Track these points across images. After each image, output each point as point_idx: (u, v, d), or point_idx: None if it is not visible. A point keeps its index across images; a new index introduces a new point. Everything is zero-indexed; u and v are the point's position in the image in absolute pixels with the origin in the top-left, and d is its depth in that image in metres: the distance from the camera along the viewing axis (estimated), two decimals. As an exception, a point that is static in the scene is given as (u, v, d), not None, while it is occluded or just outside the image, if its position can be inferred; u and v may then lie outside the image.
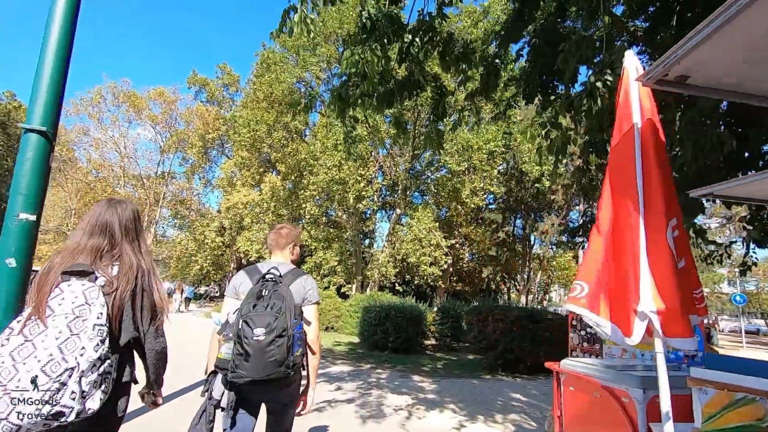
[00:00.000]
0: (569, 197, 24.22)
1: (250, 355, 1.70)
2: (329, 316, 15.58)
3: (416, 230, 19.67)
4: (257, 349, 1.70)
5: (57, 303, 1.28)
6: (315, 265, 19.62)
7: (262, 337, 1.71)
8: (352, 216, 21.49)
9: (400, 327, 9.91)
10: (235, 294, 2.06)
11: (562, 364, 2.77)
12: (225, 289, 20.68)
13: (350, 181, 18.27)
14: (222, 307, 2.13)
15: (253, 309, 1.80)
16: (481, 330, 8.42)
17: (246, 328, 1.73)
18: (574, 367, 2.63)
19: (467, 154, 18.39)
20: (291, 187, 21.93)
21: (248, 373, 1.71)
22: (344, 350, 10.14)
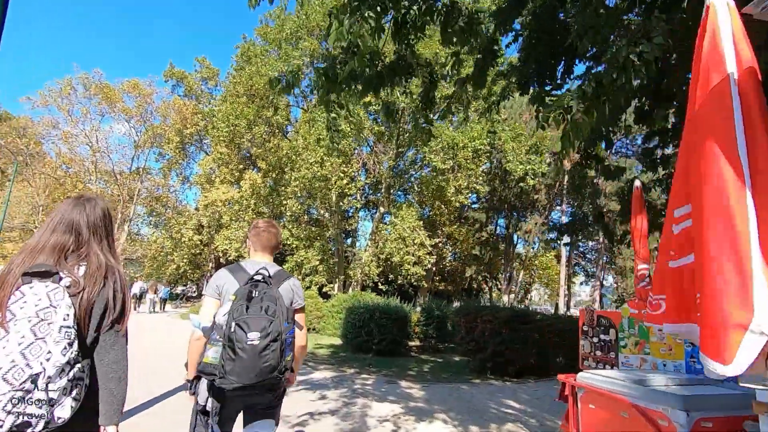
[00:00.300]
0: (552, 197, 24.33)
1: (244, 360, 1.63)
2: (311, 317, 15.10)
3: (400, 229, 19.34)
4: (252, 354, 1.63)
5: (18, 307, 1.22)
6: (296, 264, 19.09)
7: (257, 341, 1.64)
8: (335, 214, 21.05)
9: (385, 329, 9.55)
10: (217, 294, 1.95)
11: (579, 377, 2.44)
12: (203, 288, 20.09)
13: (333, 177, 17.80)
14: (201, 307, 2.03)
15: (246, 312, 1.71)
16: (469, 331, 8.13)
17: (239, 331, 1.65)
18: (595, 381, 2.30)
19: (452, 152, 18.16)
20: (272, 185, 21.32)
21: (240, 379, 1.64)
22: (327, 353, 9.72)
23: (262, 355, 1.65)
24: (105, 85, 27.62)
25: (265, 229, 2.17)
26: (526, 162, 20.11)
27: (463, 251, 26.79)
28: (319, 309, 15.42)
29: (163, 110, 30.20)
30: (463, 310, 8.43)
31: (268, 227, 2.18)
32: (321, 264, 19.49)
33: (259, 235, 2.15)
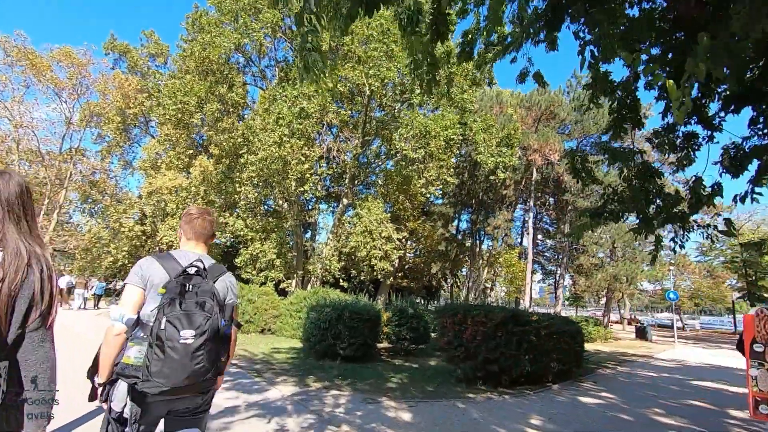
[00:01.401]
0: (518, 193, 23.97)
1: (174, 361, 1.49)
2: (266, 316, 13.46)
3: (366, 221, 18.03)
4: (183, 353, 1.50)
5: None
6: (251, 257, 17.28)
7: (191, 340, 1.52)
8: (294, 205, 19.39)
9: (355, 331, 8.19)
10: (142, 284, 1.73)
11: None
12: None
13: (292, 161, 16.14)
14: (123, 298, 1.73)
15: (180, 307, 1.57)
16: (457, 335, 6.95)
17: (170, 328, 1.52)
18: None
19: (424, 140, 17.05)
20: (225, 171, 19.29)
21: (168, 382, 1.50)
22: (285, 360, 8.23)
23: (195, 355, 1.52)
24: (30, 51, 24.12)
25: (199, 216, 1.99)
26: (497, 154, 19.43)
27: (427, 247, 25.96)
28: (276, 307, 13.81)
29: (102, 85, 26.97)
30: (450, 310, 7.24)
31: (202, 214, 2.00)
32: (278, 258, 17.80)
33: (191, 223, 1.97)
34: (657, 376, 9.58)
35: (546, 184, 24.57)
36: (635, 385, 8.11)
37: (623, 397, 6.59)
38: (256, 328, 13.08)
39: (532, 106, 21.75)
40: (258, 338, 11.96)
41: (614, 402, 6.20)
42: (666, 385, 8.18)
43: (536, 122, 21.72)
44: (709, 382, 9.01)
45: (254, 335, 12.63)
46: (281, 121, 15.52)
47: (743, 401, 6.93)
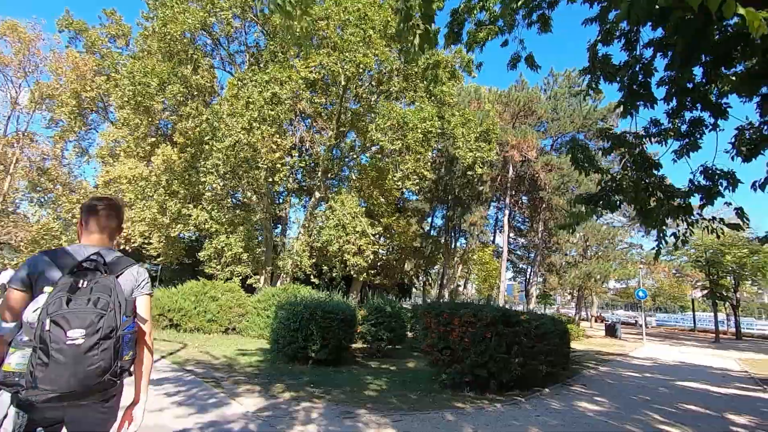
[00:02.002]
0: (493, 190, 23.75)
1: (61, 364, 1.36)
2: (231, 314, 12.47)
3: (340, 214, 17.23)
4: (72, 356, 1.37)
5: None
6: (215, 251, 16.13)
7: (81, 340, 1.38)
8: (263, 197, 18.35)
9: (329, 332, 7.44)
10: (24, 285, 1.56)
11: None
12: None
13: (263, 149, 15.13)
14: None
15: (67, 305, 1.42)
16: (443, 336, 6.32)
17: (56, 329, 1.37)
18: None
19: (401, 132, 16.42)
20: (189, 160, 18.00)
21: (55, 387, 1.37)
22: (251, 364, 7.37)
23: (89, 356, 1.40)
24: (-31, 21, 21.82)
25: (104, 207, 1.78)
26: (476, 149, 19.03)
27: (401, 244, 25.42)
28: (242, 305, 12.84)
29: (54, 65, 24.78)
30: (434, 309, 6.60)
31: (106, 204, 1.80)
32: (246, 252, 16.74)
33: (92, 213, 1.76)
34: (641, 376, 9.33)
35: (521, 182, 24.48)
36: (624, 387, 7.75)
37: (618, 403, 6.16)
38: (219, 327, 12.07)
39: (510, 102, 21.55)
40: (221, 339, 10.99)
41: (611, 409, 5.74)
42: (654, 387, 7.86)
43: (514, 119, 21.55)
44: (692, 382, 8.81)
45: (217, 336, 11.64)
46: (251, 106, 14.50)
47: (735, 404, 6.70)
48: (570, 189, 20.85)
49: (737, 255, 23.93)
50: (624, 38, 6.24)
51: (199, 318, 11.81)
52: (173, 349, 8.31)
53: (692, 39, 4.52)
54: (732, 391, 7.99)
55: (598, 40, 6.42)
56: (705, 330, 35.42)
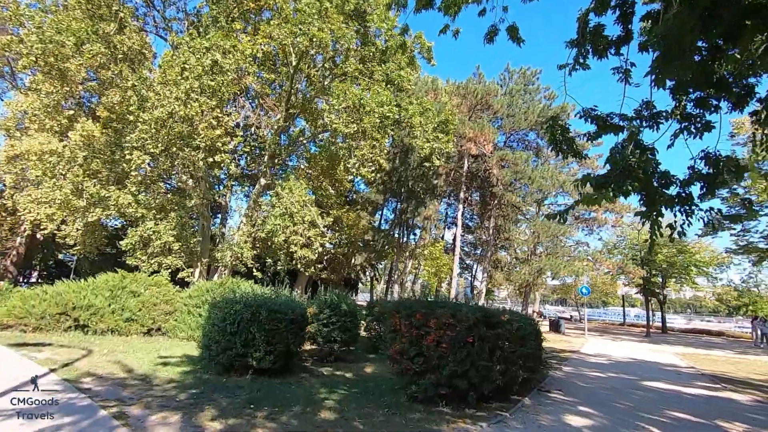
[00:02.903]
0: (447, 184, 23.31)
1: None
2: (156, 312, 10.66)
3: (287, 202, 15.77)
4: None
5: None
6: (141, 239, 14.01)
7: None
8: (201, 182, 16.38)
9: (275, 336, 6.16)
10: None
11: None
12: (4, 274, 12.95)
13: (201, 124, 13.29)
14: None
15: None
16: (415, 341, 5.31)
17: None
18: None
19: (358, 115, 15.27)
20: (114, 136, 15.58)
21: None
22: (174, 378, 5.91)
23: None
24: None
25: None
26: (434, 139, 18.29)
27: (351, 237, 24.30)
28: (170, 301, 11.07)
29: (-58, 15, 20.64)
30: (404, 308, 5.56)
31: None
32: (178, 242, 14.76)
33: None
34: (606, 377, 8.98)
35: (473, 179, 24.24)
36: (598, 391, 7.23)
37: (606, 413, 5.52)
38: (140, 328, 10.24)
39: (468, 95, 21.13)
40: (141, 342, 9.23)
41: (605, 422, 5.06)
42: (627, 390, 7.44)
43: (471, 111, 21.19)
44: (657, 382, 8.58)
45: (137, 338, 9.82)
46: (188, 74, 12.62)
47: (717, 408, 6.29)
48: (523, 186, 20.83)
49: (666, 254, 25.47)
50: (618, 9, 5.55)
51: (115, 317, 9.91)
52: (71, 359, 6.58)
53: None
54: (701, 392, 7.79)
55: (590, 8, 5.70)
56: (633, 324, 37.90)
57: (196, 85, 12.57)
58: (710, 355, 15.79)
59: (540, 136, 22.87)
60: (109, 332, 9.75)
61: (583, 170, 22.77)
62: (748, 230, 21.42)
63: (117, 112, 15.57)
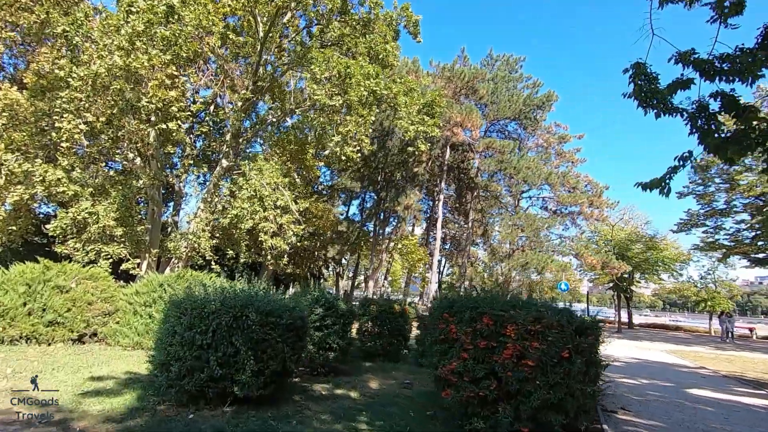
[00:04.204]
0: (428, 172, 21.89)
1: None
2: (91, 312, 8.33)
3: (257, 184, 13.65)
4: None
5: None
6: (73, 222, 11.39)
7: None
8: (151, 161, 13.92)
9: (268, 349, 4.31)
10: None
11: None
12: None
13: (150, 82, 10.91)
14: None
15: None
16: (484, 357, 3.68)
17: None
18: None
19: (343, 86, 13.46)
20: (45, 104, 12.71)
21: None
22: (110, 412, 3.93)
23: None
24: None
25: None
26: (419, 122, 16.71)
27: (320, 229, 22.33)
28: (110, 299, 8.78)
29: None
30: (464, 308, 3.91)
31: None
32: (121, 227, 12.26)
33: None
34: (641, 384, 7.81)
35: (449, 170, 22.95)
36: (656, 405, 5.96)
37: None
38: (68, 334, 7.89)
39: (453, 78, 19.78)
40: (68, 354, 6.96)
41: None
42: (683, 402, 6.23)
43: (456, 95, 19.87)
44: (699, 389, 7.52)
45: (63, 348, 7.50)
46: (134, 17, 10.23)
47: None
48: (504, 178, 19.78)
49: (635, 251, 25.57)
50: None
51: (32, 320, 7.52)
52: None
53: None
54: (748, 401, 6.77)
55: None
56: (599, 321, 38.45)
57: (143, 30, 10.20)
58: (698, 352, 15.43)
59: (522, 126, 21.98)
60: (23, 340, 7.36)
61: (564, 164, 22.18)
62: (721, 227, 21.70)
63: (48, 78, 12.68)
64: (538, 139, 22.52)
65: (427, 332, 5.24)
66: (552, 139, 22.14)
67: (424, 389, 6.43)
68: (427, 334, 4.48)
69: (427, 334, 4.39)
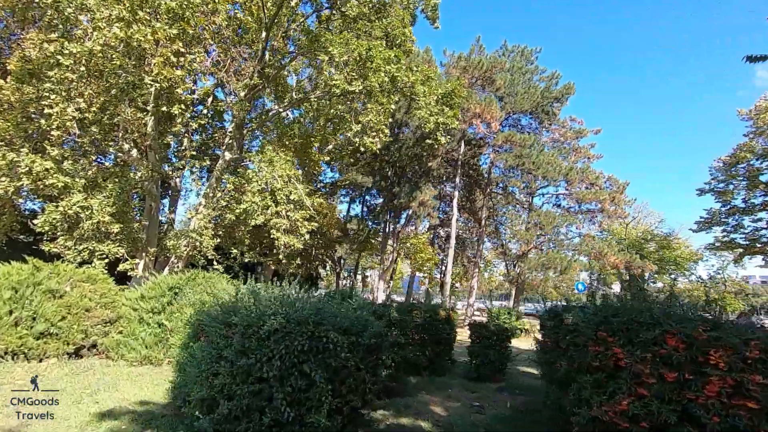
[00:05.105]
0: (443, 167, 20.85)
1: None
2: (90, 321, 7.10)
3: (268, 176, 12.50)
4: None
5: None
6: (63, 216, 10.08)
7: None
8: (149, 153, 12.70)
9: (348, 378, 3.20)
10: None
11: None
12: None
13: (154, 59, 9.65)
14: None
15: None
16: (671, 394, 2.61)
17: None
18: None
19: (363, 71, 12.40)
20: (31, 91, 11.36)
21: None
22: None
23: None
24: None
25: None
26: (437, 113, 15.63)
27: (323, 226, 21.19)
28: (111, 304, 7.56)
29: None
30: (629, 323, 2.86)
31: None
32: (117, 223, 11.02)
33: None
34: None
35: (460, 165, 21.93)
36: None
37: None
38: (63, 347, 6.65)
39: (469, 67, 18.76)
40: (64, 373, 5.74)
41: None
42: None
43: (472, 86, 18.89)
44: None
45: (56, 365, 6.27)
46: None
47: None
48: (525, 171, 18.84)
49: (649, 250, 24.89)
50: None
51: (20, 331, 6.27)
52: None
53: None
54: None
55: None
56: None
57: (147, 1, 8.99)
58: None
59: (538, 120, 21.06)
60: (8, 356, 6.11)
61: (581, 160, 21.31)
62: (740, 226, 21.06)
63: (35, 62, 11.28)
64: (553, 133, 21.65)
65: (543, 350, 4.16)
66: (569, 133, 21.28)
67: (498, 413, 5.40)
68: (566, 360, 3.38)
69: (572, 356, 3.27)
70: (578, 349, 3.18)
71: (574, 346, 3.23)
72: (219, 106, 17.46)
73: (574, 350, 3.21)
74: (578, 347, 3.18)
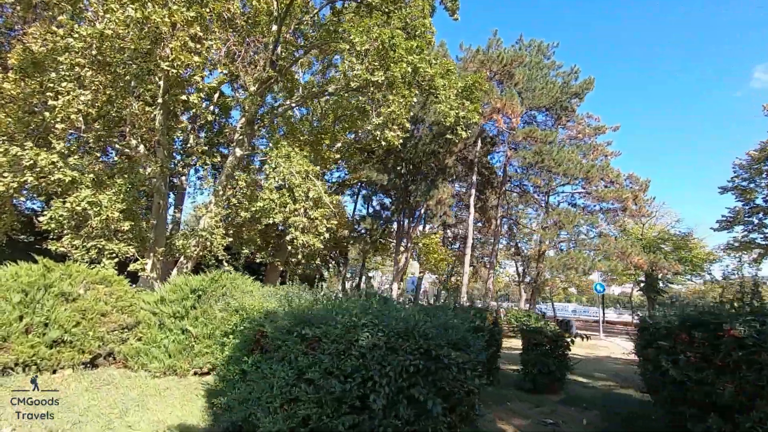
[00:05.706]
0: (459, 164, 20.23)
1: None
2: (106, 326, 6.42)
3: (285, 172, 11.87)
4: None
5: None
6: (71, 213, 9.39)
7: None
8: (158, 149, 12.03)
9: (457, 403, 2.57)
10: None
11: None
12: None
13: (171, 44, 8.98)
14: None
15: None
16: None
17: None
18: None
19: (385, 61, 11.78)
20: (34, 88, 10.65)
21: None
22: None
23: None
24: None
25: None
26: (458, 107, 15.00)
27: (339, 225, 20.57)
28: (128, 308, 6.88)
29: None
30: None
31: None
32: (127, 220, 10.34)
33: None
34: None
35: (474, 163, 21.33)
36: None
37: None
38: (78, 356, 5.97)
39: (487, 61, 18.18)
40: (83, 391, 5.07)
41: None
42: None
43: (489, 80, 18.30)
44: None
45: (72, 378, 5.59)
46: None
47: None
48: (545, 169, 18.24)
49: (666, 250, 24.34)
50: None
51: (31, 339, 5.60)
52: None
53: None
54: None
55: None
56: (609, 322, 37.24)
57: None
58: None
59: (555, 116, 20.48)
60: (19, 367, 5.43)
61: (600, 157, 20.74)
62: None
63: (39, 54, 10.56)
64: (570, 130, 21.07)
65: (657, 365, 3.52)
66: (587, 130, 20.70)
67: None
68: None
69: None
70: (756, 369, 2.56)
71: (747, 365, 2.61)
72: (226, 103, 16.83)
73: (748, 371, 2.59)
74: (757, 366, 2.56)
